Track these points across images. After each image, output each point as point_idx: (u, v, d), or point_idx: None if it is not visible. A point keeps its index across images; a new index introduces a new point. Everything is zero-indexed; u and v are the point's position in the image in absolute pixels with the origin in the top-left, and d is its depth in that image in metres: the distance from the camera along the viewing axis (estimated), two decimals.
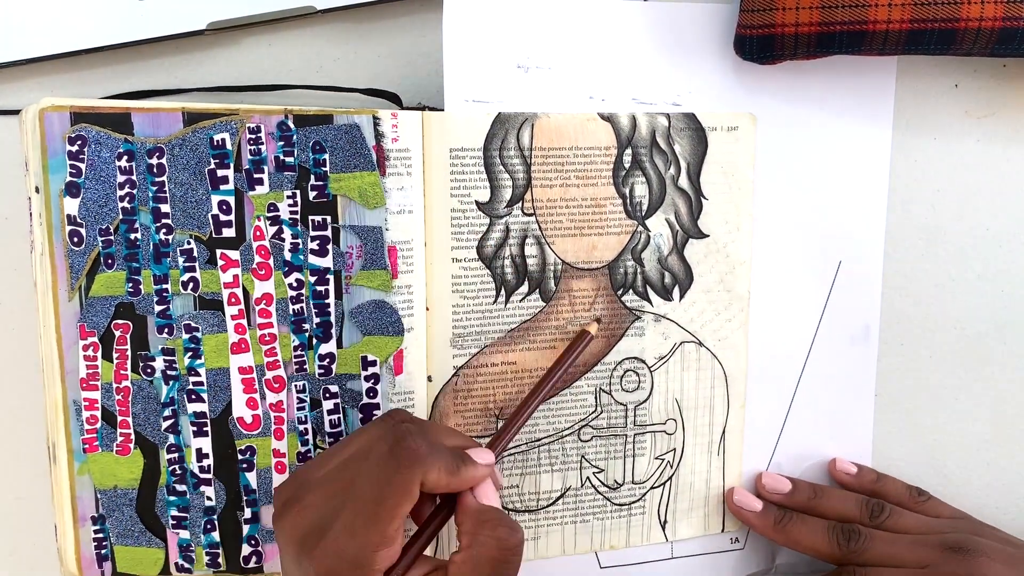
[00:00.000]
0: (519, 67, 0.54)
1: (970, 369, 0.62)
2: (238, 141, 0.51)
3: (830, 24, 0.52)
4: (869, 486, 0.60)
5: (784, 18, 0.53)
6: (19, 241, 0.56)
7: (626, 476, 0.58)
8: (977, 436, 0.63)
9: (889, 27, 0.52)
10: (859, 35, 0.53)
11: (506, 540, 0.46)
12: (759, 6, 0.53)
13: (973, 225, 0.61)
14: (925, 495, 0.60)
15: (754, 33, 0.54)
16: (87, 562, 0.52)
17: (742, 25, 0.54)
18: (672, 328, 0.57)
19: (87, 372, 0.51)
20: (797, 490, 0.59)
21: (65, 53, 0.54)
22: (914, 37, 0.53)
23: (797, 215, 0.59)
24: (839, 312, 0.60)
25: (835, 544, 0.56)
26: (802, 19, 0.52)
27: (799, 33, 0.53)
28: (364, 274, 0.53)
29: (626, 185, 0.55)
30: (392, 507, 0.44)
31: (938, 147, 0.60)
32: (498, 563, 0.45)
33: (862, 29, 0.52)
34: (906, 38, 0.53)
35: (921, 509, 0.59)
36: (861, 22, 0.52)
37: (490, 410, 0.55)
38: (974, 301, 0.62)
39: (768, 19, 0.53)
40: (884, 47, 0.53)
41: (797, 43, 0.53)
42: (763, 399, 0.60)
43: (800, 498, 0.58)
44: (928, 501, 0.60)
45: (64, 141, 0.49)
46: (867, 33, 0.52)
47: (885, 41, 0.53)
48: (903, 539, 0.55)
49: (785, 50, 0.54)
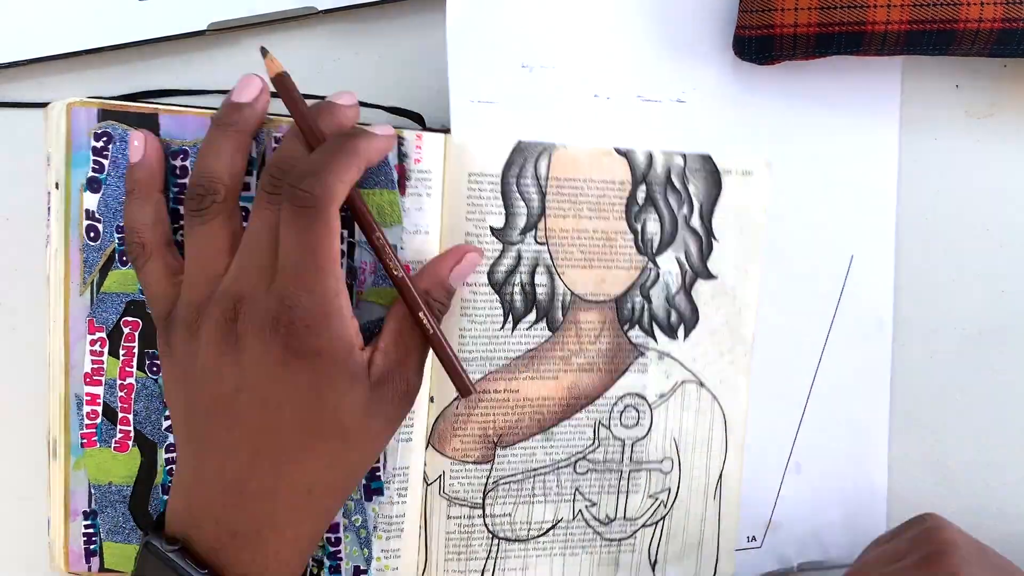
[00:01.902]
0: (524, 67, 0.55)
1: (970, 369, 0.62)
2: (263, 150, 0.51)
3: (829, 25, 0.53)
4: None
5: (783, 19, 0.53)
6: (18, 241, 0.57)
7: (618, 512, 0.58)
8: (977, 436, 0.63)
9: (888, 28, 0.53)
10: (858, 36, 0.53)
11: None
12: (758, 7, 0.54)
13: (973, 225, 0.61)
14: None
15: (753, 34, 0.54)
16: (75, 556, 0.52)
17: (741, 26, 0.55)
18: (675, 367, 0.57)
19: (92, 367, 0.51)
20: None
21: (65, 53, 0.55)
22: (913, 38, 0.53)
23: (808, 214, 0.59)
24: (851, 316, 0.61)
25: None
26: (801, 20, 0.53)
27: (798, 34, 0.54)
28: (375, 290, 0.53)
29: (638, 221, 0.56)
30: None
31: (938, 147, 0.61)
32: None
33: (861, 30, 0.53)
34: (905, 39, 0.53)
35: None
36: (860, 23, 0.53)
37: (488, 436, 0.55)
38: (974, 301, 0.62)
39: (767, 20, 0.54)
40: (883, 48, 0.54)
41: (796, 44, 0.54)
42: (765, 445, 0.60)
43: None
44: None
45: (89, 137, 0.50)
46: (866, 34, 0.53)
47: (884, 42, 0.53)
48: None
49: (784, 51, 0.55)
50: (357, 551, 0.54)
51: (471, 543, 0.56)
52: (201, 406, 0.47)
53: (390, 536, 0.54)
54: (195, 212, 0.47)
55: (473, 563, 0.56)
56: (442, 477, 0.55)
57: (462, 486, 0.56)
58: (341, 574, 0.54)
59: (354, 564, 0.54)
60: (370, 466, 0.51)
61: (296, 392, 0.46)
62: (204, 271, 0.47)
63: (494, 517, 0.56)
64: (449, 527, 0.56)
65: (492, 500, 0.56)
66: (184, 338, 0.47)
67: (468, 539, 0.56)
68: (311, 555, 0.52)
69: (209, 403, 0.46)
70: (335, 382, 0.46)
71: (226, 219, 0.48)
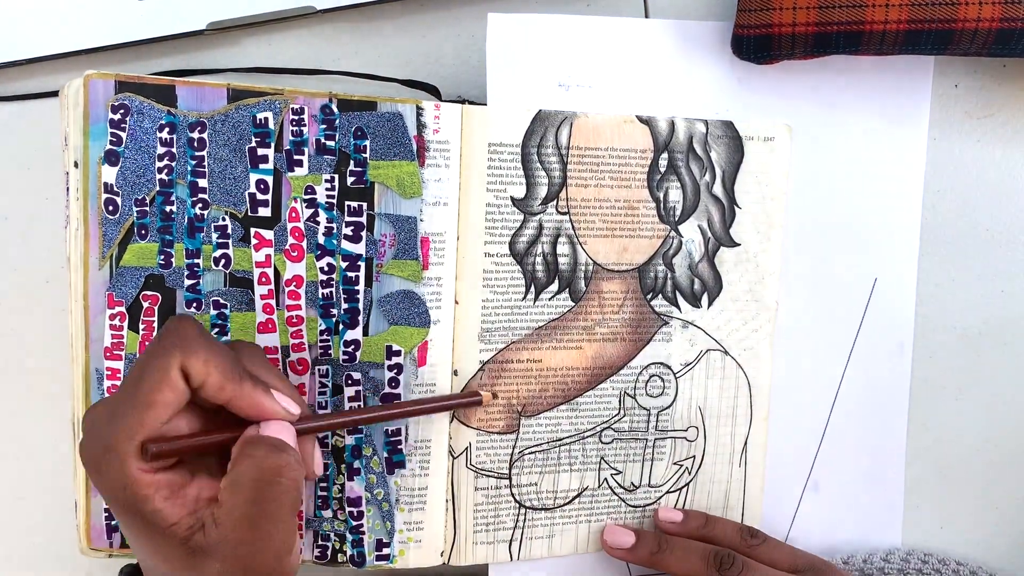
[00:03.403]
0: (560, 85, 0.55)
1: (970, 369, 0.62)
2: (280, 121, 0.51)
3: (827, 24, 0.53)
4: (697, 532, 0.57)
5: (781, 18, 0.53)
6: (16, 240, 0.57)
7: (643, 479, 0.58)
8: (977, 436, 0.63)
9: (886, 27, 0.53)
10: (856, 35, 0.53)
11: (264, 460, 0.43)
12: (756, 6, 0.53)
13: (973, 225, 0.61)
14: (759, 537, 0.57)
15: (751, 33, 0.54)
16: (96, 532, 0.51)
17: (739, 25, 0.54)
18: (699, 335, 0.57)
19: (112, 341, 0.50)
20: (689, 518, 0.57)
21: (65, 53, 0.54)
22: (911, 37, 0.53)
23: (830, 226, 0.59)
24: (875, 328, 0.60)
25: (712, 570, 0.54)
26: (799, 19, 0.53)
27: (796, 33, 0.53)
28: (395, 263, 0.52)
29: (660, 189, 0.55)
30: (149, 390, 0.42)
31: (938, 147, 0.61)
32: (260, 483, 0.42)
33: (859, 29, 0.53)
34: (903, 38, 0.53)
35: (756, 553, 0.56)
36: (858, 22, 0.53)
37: (513, 406, 0.55)
38: (974, 301, 0.62)
39: (765, 19, 0.53)
40: (881, 47, 0.54)
41: (794, 43, 0.54)
42: (795, 413, 0.60)
43: (692, 526, 0.57)
44: (763, 544, 0.56)
45: (107, 109, 0.49)
46: (864, 33, 0.53)
47: (882, 41, 0.53)
48: (775, 573, 0.54)
49: (782, 50, 0.54)
50: (379, 524, 0.54)
51: (499, 514, 0.56)
52: None
53: (412, 508, 0.54)
54: None
55: (501, 533, 0.56)
56: (468, 449, 0.55)
57: (488, 457, 0.55)
58: (364, 547, 0.54)
59: (376, 537, 0.54)
60: None
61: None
62: None
63: (520, 487, 0.56)
64: (477, 499, 0.55)
65: (518, 470, 0.56)
66: None
67: (496, 510, 0.56)
68: None
69: None
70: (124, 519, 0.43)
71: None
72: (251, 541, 0.42)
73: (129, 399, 0.42)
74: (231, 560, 0.41)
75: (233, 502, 0.42)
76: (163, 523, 0.42)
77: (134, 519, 0.42)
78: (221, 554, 0.41)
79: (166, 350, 0.42)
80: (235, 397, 0.44)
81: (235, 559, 0.42)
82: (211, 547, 0.41)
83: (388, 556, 0.54)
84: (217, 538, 0.42)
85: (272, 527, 0.42)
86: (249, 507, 0.42)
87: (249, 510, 0.42)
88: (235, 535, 0.42)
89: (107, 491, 0.42)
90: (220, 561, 0.41)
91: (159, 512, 0.42)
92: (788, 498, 0.61)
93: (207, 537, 0.42)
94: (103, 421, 0.42)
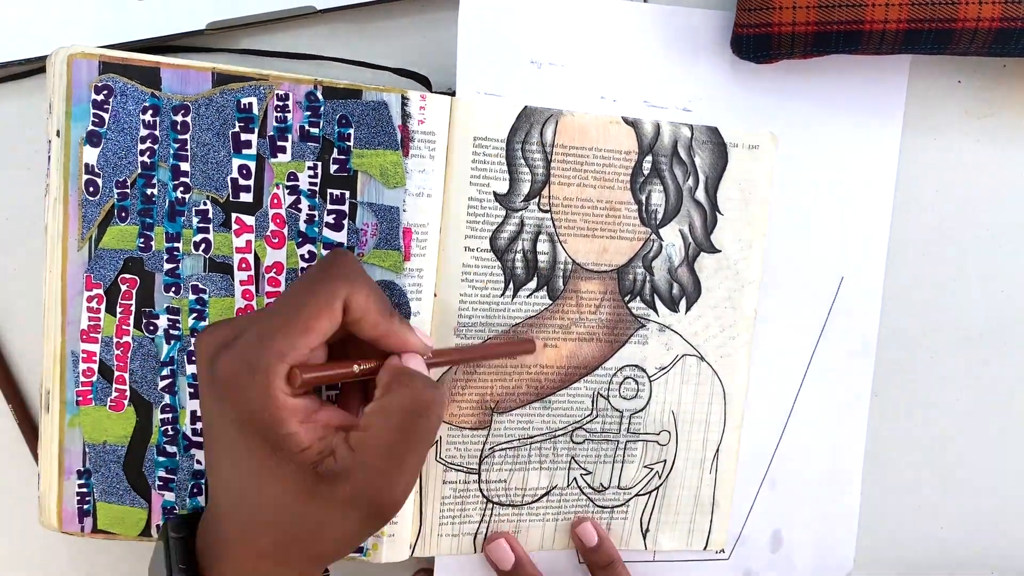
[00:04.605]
0: (532, 63, 0.55)
1: (970, 369, 0.63)
2: (265, 107, 0.51)
3: (827, 24, 0.53)
4: (595, 565, 0.58)
5: (781, 17, 0.53)
6: (15, 241, 0.56)
7: (612, 480, 0.58)
8: (977, 436, 0.63)
9: (886, 27, 0.52)
10: (856, 35, 0.53)
11: (421, 392, 0.44)
12: (756, 5, 0.53)
13: (973, 225, 0.61)
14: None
15: (751, 32, 0.54)
16: (68, 515, 0.52)
17: (739, 24, 0.54)
18: (675, 339, 0.57)
19: (89, 324, 0.50)
20: (600, 551, 0.57)
21: None
22: (911, 37, 0.53)
23: (801, 227, 0.59)
24: (839, 328, 0.60)
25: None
26: (799, 18, 0.53)
27: (796, 32, 0.53)
28: (377, 253, 0.52)
29: (643, 192, 0.55)
30: (308, 316, 0.42)
31: (938, 147, 0.60)
32: (410, 414, 0.43)
33: (859, 28, 0.53)
34: (903, 38, 0.53)
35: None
36: (858, 21, 0.52)
37: (486, 402, 0.55)
38: (974, 301, 0.62)
39: (765, 18, 0.53)
40: (881, 47, 0.54)
41: (794, 42, 0.54)
42: (756, 409, 0.60)
43: (594, 559, 0.58)
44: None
45: (90, 89, 0.49)
46: (864, 33, 0.53)
47: (882, 41, 0.53)
48: None
49: (782, 49, 0.54)
50: None
51: (465, 507, 0.56)
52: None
53: None
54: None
55: (467, 526, 0.57)
56: (438, 443, 0.55)
57: (458, 451, 0.56)
58: None
59: None
60: (337, 543, 0.44)
61: (223, 423, 0.43)
62: None
63: (489, 483, 0.56)
64: (444, 491, 0.56)
65: (488, 466, 0.56)
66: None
67: (463, 503, 0.56)
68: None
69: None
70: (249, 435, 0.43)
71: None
72: (387, 470, 0.42)
73: (285, 323, 0.42)
74: (363, 485, 0.42)
75: (379, 429, 0.43)
76: (296, 447, 0.42)
77: (263, 443, 0.42)
78: (354, 479, 0.42)
79: (333, 280, 0.43)
80: (387, 333, 0.45)
81: (367, 485, 0.42)
82: (342, 472, 0.42)
83: (361, 549, 0.55)
84: (352, 464, 0.42)
85: (411, 459, 0.43)
86: (394, 435, 0.43)
87: (394, 438, 0.42)
88: (375, 461, 0.42)
89: (243, 411, 0.42)
90: (352, 486, 0.42)
91: (294, 436, 0.42)
92: (744, 495, 0.61)
93: (338, 462, 0.42)
94: (251, 341, 0.42)
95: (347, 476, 0.42)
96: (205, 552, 0.45)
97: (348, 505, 0.42)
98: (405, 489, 0.43)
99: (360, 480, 0.42)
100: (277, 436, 0.42)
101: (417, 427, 0.43)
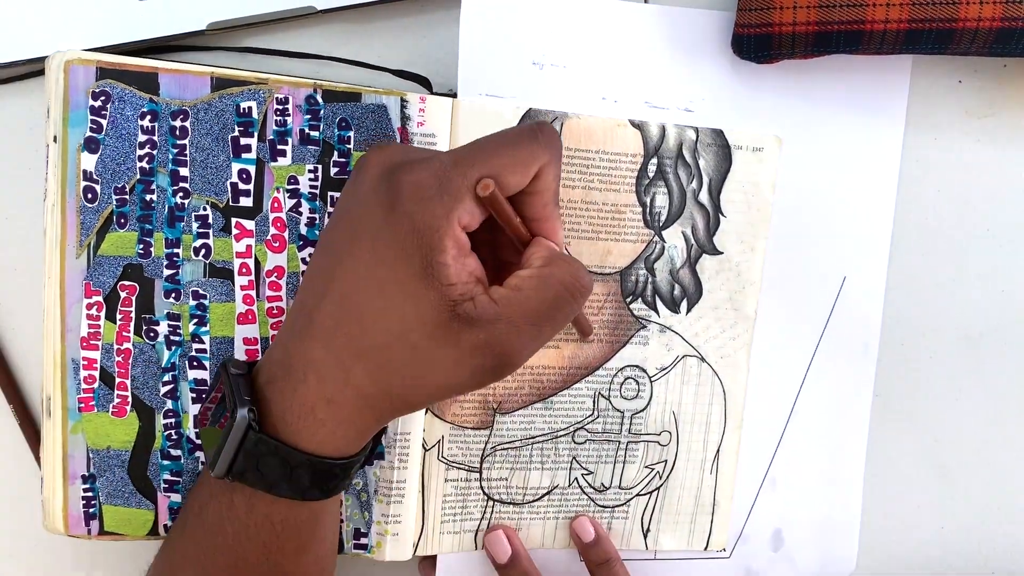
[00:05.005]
0: (534, 63, 0.54)
1: (970, 369, 0.63)
2: (264, 111, 0.50)
3: (828, 23, 0.52)
4: (591, 561, 0.59)
5: (782, 17, 0.53)
6: (17, 241, 0.56)
7: (613, 480, 0.59)
8: (977, 436, 0.64)
9: (887, 27, 0.52)
10: (857, 35, 0.53)
11: (583, 275, 0.44)
12: (757, 5, 0.53)
13: (973, 225, 0.61)
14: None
15: (751, 32, 0.53)
16: (74, 519, 0.52)
17: (740, 24, 0.54)
18: (676, 340, 0.57)
19: (89, 331, 0.50)
20: (597, 548, 0.58)
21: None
22: (912, 37, 0.53)
23: (803, 227, 0.59)
24: (841, 329, 0.60)
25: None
26: (800, 18, 0.52)
27: (796, 32, 0.53)
28: None
29: (647, 194, 0.55)
30: (512, 156, 0.43)
31: (938, 147, 0.60)
32: (566, 289, 0.43)
33: (860, 28, 0.52)
34: (904, 38, 0.53)
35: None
36: (859, 21, 0.52)
37: (489, 403, 0.55)
38: (974, 301, 0.62)
39: (765, 18, 0.53)
40: (882, 47, 0.53)
41: (795, 42, 0.53)
42: (760, 418, 0.60)
43: (591, 555, 0.58)
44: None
45: (87, 96, 0.48)
46: (865, 33, 0.52)
47: (883, 41, 0.53)
48: None
49: (783, 49, 0.54)
50: (358, 514, 0.55)
51: (467, 505, 0.57)
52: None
53: (391, 501, 0.55)
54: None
55: (468, 523, 0.57)
56: (440, 442, 0.55)
57: (460, 451, 0.56)
58: (342, 535, 0.55)
59: (355, 526, 0.55)
60: (436, 387, 0.45)
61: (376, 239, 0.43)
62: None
63: (490, 481, 0.57)
64: (447, 489, 0.56)
65: (489, 465, 0.56)
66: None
67: (464, 501, 0.57)
68: (365, 439, 0.47)
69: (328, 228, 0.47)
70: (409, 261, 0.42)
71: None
72: (526, 331, 0.43)
73: (487, 152, 0.43)
74: (498, 338, 0.42)
75: (532, 291, 0.43)
76: (444, 279, 0.42)
77: (418, 263, 0.42)
78: (490, 329, 0.42)
79: (538, 145, 0.43)
80: (550, 217, 0.46)
81: (503, 339, 0.42)
82: (479, 320, 0.42)
83: (365, 546, 0.55)
84: (492, 315, 0.42)
85: (547, 330, 0.44)
86: (545, 304, 0.43)
87: (543, 306, 0.43)
88: (518, 320, 0.42)
89: (414, 225, 0.42)
90: (487, 334, 0.42)
91: (446, 267, 0.42)
92: (745, 493, 0.61)
93: (478, 309, 0.42)
94: (447, 164, 0.42)
95: (484, 325, 0.42)
96: (265, 386, 0.45)
97: (472, 352, 0.43)
98: (528, 355, 0.44)
99: (497, 332, 0.42)
100: (435, 261, 0.42)
101: (566, 304, 0.44)
